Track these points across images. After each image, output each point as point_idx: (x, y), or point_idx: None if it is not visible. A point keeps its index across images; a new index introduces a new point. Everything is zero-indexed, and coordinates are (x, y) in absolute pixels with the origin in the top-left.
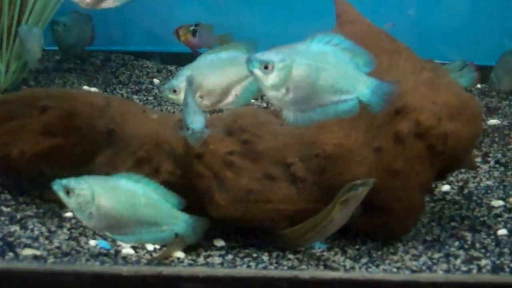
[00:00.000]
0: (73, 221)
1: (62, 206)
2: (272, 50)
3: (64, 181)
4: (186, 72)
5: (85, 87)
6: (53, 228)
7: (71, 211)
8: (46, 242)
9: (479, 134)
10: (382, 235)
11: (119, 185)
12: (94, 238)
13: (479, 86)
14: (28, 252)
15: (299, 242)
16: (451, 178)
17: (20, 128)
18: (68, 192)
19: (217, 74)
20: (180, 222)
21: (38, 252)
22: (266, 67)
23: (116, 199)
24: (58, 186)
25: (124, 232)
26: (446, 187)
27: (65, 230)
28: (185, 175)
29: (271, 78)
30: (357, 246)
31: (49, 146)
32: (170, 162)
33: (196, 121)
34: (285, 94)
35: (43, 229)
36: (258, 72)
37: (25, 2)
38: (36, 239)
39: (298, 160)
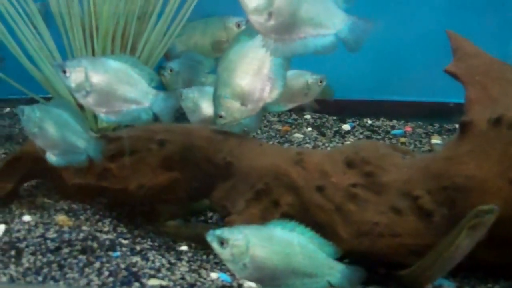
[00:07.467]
0: (190, 254)
1: (176, 240)
2: None
3: (218, 232)
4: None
5: None
6: (172, 260)
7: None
8: (169, 273)
9: None
10: None
11: (274, 235)
12: (213, 271)
13: None
14: (154, 282)
15: (421, 280)
16: None
17: (138, 162)
18: (222, 243)
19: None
20: (336, 272)
21: (164, 283)
22: None
23: (271, 250)
24: (212, 237)
25: (277, 283)
26: None
27: (184, 263)
28: (305, 207)
29: (254, 1)
30: (489, 285)
31: (167, 179)
32: (290, 194)
33: None
34: (267, 20)
35: (164, 260)
36: None
37: (135, 47)
38: (158, 270)
39: (426, 192)
